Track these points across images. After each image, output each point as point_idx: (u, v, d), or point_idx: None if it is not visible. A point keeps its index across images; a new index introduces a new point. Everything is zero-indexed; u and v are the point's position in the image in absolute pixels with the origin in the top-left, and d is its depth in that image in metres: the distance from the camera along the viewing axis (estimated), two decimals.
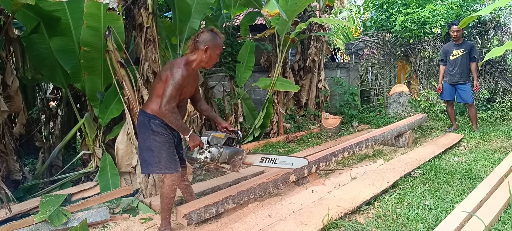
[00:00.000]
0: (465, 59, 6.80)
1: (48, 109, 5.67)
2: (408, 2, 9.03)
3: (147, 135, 3.19)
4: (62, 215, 3.46)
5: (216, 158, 3.34)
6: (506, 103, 8.17)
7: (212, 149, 3.33)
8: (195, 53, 3.20)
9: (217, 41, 3.22)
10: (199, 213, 3.24)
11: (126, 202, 4.05)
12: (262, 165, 3.92)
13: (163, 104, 2.99)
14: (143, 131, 3.23)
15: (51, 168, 5.09)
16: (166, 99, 2.98)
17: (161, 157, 3.17)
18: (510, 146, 5.72)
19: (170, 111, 3.00)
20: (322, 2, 8.66)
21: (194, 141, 3.22)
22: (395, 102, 8.73)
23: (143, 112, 3.27)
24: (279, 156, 4.07)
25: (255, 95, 9.62)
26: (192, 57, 3.21)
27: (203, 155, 3.31)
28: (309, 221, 3.19)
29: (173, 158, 3.23)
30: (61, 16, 4.38)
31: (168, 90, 3.00)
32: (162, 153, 3.17)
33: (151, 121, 3.18)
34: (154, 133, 3.17)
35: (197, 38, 3.18)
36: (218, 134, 3.42)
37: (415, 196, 3.75)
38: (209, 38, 3.17)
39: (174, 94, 3.02)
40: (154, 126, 3.17)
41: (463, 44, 6.85)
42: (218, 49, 3.25)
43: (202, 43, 3.15)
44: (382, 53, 9.62)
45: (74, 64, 4.56)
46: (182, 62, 3.15)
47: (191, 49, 3.21)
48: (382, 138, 5.72)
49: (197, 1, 5.51)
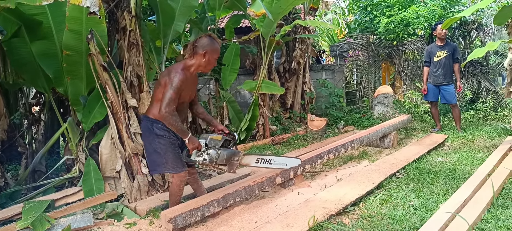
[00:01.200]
0: (449, 61, 6.89)
1: (30, 114, 5.58)
2: (392, 4, 9.13)
3: (151, 138, 3.36)
4: (45, 221, 3.41)
5: (214, 159, 3.44)
6: (489, 104, 8.30)
7: (210, 151, 3.43)
8: (194, 58, 3.33)
9: (215, 46, 3.34)
10: (185, 217, 3.22)
11: (111, 207, 4.01)
12: (258, 165, 4.01)
13: (162, 108, 3.11)
14: (147, 135, 3.41)
15: (34, 173, 5.01)
16: (165, 103, 3.11)
17: (167, 158, 3.35)
18: (493, 145, 5.80)
19: (170, 114, 3.12)
20: (307, 5, 8.69)
21: (193, 143, 3.32)
22: (380, 103, 8.80)
23: (146, 117, 3.42)
24: (273, 156, 4.16)
25: (241, 98, 9.61)
26: (190, 61, 3.35)
27: (202, 157, 3.42)
28: (295, 223, 3.19)
29: (179, 158, 3.41)
30: (43, 19, 4.32)
31: (167, 94, 3.12)
32: (168, 154, 3.35)
33: (154, 125, 3.33)
34: (158, 137, 3.33)
35: (196, 43, 3.31)
36: (215, 136, 3.54)
37: (400, 197, 3.78)
38: (208, 43, 3.30)
39: (173, 98, 3.14)
40: (157, 129, 3.32)
41: (447, 46, 6.94)
42: (216, 53, 3.37)
43: (200, 48, 3.29)
44: (367, 55, 9.69)
45: (56, 68, 4.50)
46: (180, 66, 3.28)
47: (189, 54, 3.34)
48: (367, 139, 5.75)
49: (181, 4, 5.49)
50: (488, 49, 5.17)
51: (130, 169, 4.41)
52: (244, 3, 7.32)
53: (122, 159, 4.34)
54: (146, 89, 4.61)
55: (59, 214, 3.68)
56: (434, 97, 7.15)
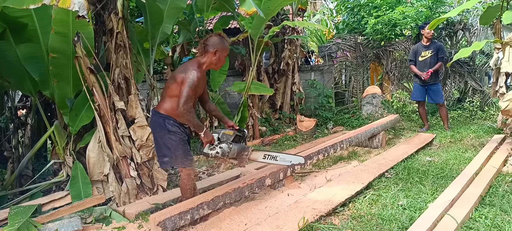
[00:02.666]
0: (434, 60, 6.95)
1: (16, 118, 5.51)
2: (379, 5, 9.19)
3: (162, 133, 3.47)
4: (32, 226, 3.36)
5: (226, 153, 3.61)
6: (476, 103, 8.39)
7: (222, 145, 3.60)
8: (205, 56, 3.48)
9: (225, 45, 3.52)
10: (174, 220, 3.19)
11: (99, 211, 3.96)
12: (265, 161, 4.13)
13: (180, 105, 3.25)
14: (158, 130, 3.50)
15: (21, 178, 4.94)
16: (183, 100, 3.24)
17: (177, 154, 3.47)
18: (480, 144, 5.86)
19: (187, 111, 3.27)
20: (295, 6, 8.71)
21: (208, 137, 3.52)
22: (368, 104, 8.85)
23: (157, 113, 3.51)
24: (279, 153, 4.26)
25: (230, 99, 9.59)
26: (202, 59, 3.50)
27: (215, 150, 3.58)
28: (285, 224, 3.18)
29: (188, 154, 3.55)
30: (28, 22, 4.26)
31: (185, 91, 3.26)
32: (178, 150, 3.47)
33: (166, 121, 3.45)
34: (170, 133, 3.45)
35: (207, 42, 3.46)
36: (227, 131, 3.71)
37: (389, 196, 3.80)
38: (218, 41, 3.47)
39: (190, 95, 3.29)
40: (170, 125, 3.45)
41: (432, 45, 7.00)
42: (226, 52, 3.54)
43: (211, 46, 3.44)
44: (355, 55, 9.74)
45: (43, 71, 4.44)
46: (195, 64, 3.44)
47: (201, 52, 3.50)
48: (356, 140, 5.78)
49: (169, 6, 5.46)
50: (474, 49, 5.23)
51: (118, 172, 4.37)
52: (233, 4, 7.30)
53: (110, 162, 4.30)
54: (134, 92, 4.57)
55: (46, 219, 3.63)
56: (421, 97, 7.20)
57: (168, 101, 3.45)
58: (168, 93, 3.47)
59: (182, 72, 3.37)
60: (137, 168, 4.44)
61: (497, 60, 5.40)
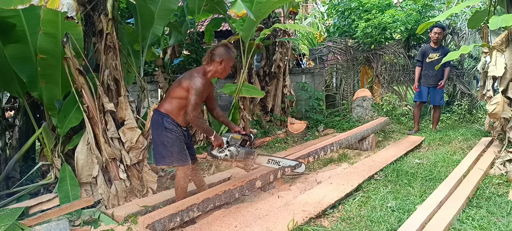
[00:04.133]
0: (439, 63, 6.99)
1: (4, 119, 5.43)
2: (369, 8, 9.24)
3: (160, 131, 3.59)
4: (19, 229, 3.34)
5: (235, 156, 3.79)
6: (464, 106, 8.48)
7: (231, 148, 3.78)
8: (211, 65, 3.65)
9: (230, 55, 3.70)
10: (163, 222, 3.17)
11: (87, 213, 3.93)
12: (268, 166, 4.34)
13: (190, 112, 3.44)
14: (156, 128, 3.62)
15: (8, 180, 4.88)
16: (192, 107, 3.43)
17: (173, 151, 3.57)
18: (468, 147, 5.92)
19: (197, 117, 3.47)
20: (286, 9, 8.73)
21: (218, 140, 3.70)
22: (358, 106, 8.89)
23: (157, 111, 3.66)
24: (282, 159, 4.48)
25: (221, 102, 9.58)
26: (208, 68, 3.67)
27: (223, 153, 3.77)
28: (275, 226, 3.18)
29: (184, 152, 3.65)
30: (16, 22, 4.22)
31: (192, 99, 3.43)
32: (174, 147, 3.58)
33: (163, 119, 3.57)
34: (167, 130, 3.56)
35: (214, 51, 3.63)
36: (235, 135, 3.88)
37: (378, 198, 3.82)
38: (224, 52, 3.65)
39: (198, 102, 3.48)
40: (167, 123, 3.56)
41: (440, 49, 7.10)
42: (231, 61, 3.72)
43: (218, 56, 3.62)
44: (346, 58, 9.78)
45: (31, 72, 4.40)
46: (201, 71, 3.60)
47: (207, 61, 3.66)
48: (347, 142, 5.80)
49: (160, 7, 5.44)
50: (461, 52, 5.28)
51: (107, 174, 4.34)
52: (224, 6, 7.30)
53: (99, 164, 4.26)
54: (124, 93, 4.54)
55: (33, 222, 3.59)
56: (425, 98, 7.28)
57: (169, 101, 3.61)
58: (171, 94, 3.63)
59: (188, 78, 3.52)
60: (126, 170, 4.41)
61: (484, 64, 5.46)
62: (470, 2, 5.40)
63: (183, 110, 3.57)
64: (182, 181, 3.70)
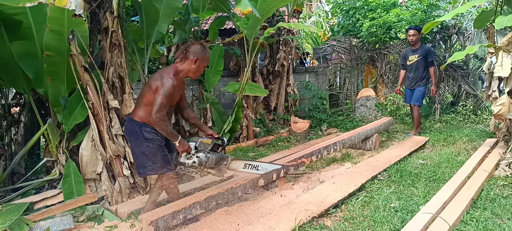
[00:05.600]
0: (420, 64, 7.01)
1: (9, 115, 5.47)
2: (374, 7, 9.22)
3: (139, 141, 3.37)
4: (23, 224, 3.37)
5: (204, 162, 3.52)
6: (469, 107, 8.45)
7: (199, 154, 3.51)
8: (184, 63, 3.41)
9: (205, 54, 3.46)
10: (166, 219, 3.19)
11: (91, 210, 3.96)
12: (245, 171, 4.04)
13: (154, 113, 3.17)
14: (135, 139, 3.40)
15: (13, 175, 4.92)
16: (156, 108, 3.16)
17: (156, 160, 3.39)
18: (473, 148, 5.90)
19: (161, 119, 3.19)
20: (291, 7, 8.73)
21: (183, 146, 3.44)
22: (362, 106, 8.88)
23: (132, 120, 3.40)
24: (260, 163, 4.22)
25: (224, 100, 9.59)
26: (181, 66, 3.42)
27: (191, 160, 3.49)
28: (277, 225, 3.19)
29: (167, 158, 3.46)
30: (23, 19, 4.25)
31: (159, 99, 3.18)
32: (157, 156, 3.39)
33: (142, 129, 3.35)
34: (147, 140, 3.35)
35: (188, 49, 3.40)
36: (205, 140, 3.61)
37: (381, 199, 3.82)
38: (199, 50, 3.41)
39: (164, 103, 3.20)
40: (146, 133, 3.35)
41: (419, 49, 7.06)
42: (206, 62, 3.49)
43: (192, 54, 3.38)
44: (350, 57, 9.76)
45: (37, 69, 4.43)
46: (171, 71, 3.34)
47: (181, 58, 3.42)
48: (350, 142, 5.80)
49: (165, 5, 5.45)
50: (467, 52, 5.26)
51: (111, 171, 4.36)
52: (228, 5, 7.30)
53: (103, 161, 4.29)
54: (128, 91, 4.56)
55: (38, 217, 3.62)
56: (409, 100, 7.27)
57: (143, 109, 3.36)
58: (143, 101, 3.37)
59: (158, 80, 3.28)
60: (130, 167, 4.44)
61: (490, 64, 5.44)
62: (476, 2, 5.37)
63: None
64: (169, 186, 3.57)
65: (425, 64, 6.98)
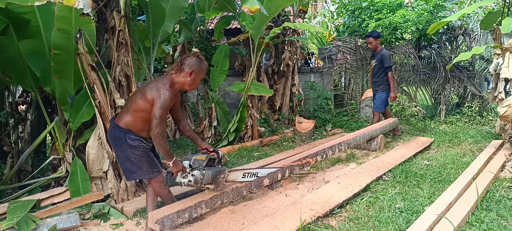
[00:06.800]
0: (377, 69, 7.07)
1: (17, 113, 5.52)
2: (380, 8, 9.20)
3: (124, 148, 3.26)
4: (30, 221, 3.38)
5: (200, 180, 3.45)
6: (474, 108, 8.42)
7: (194, 172, 3.44)
8: (180, 75, 3.29)
9: (201, 67, 3.36)
10: (172, 218, 3.21)
11: (97, 207, 3.98)
12: (245, 180, 3.97)
13: (154, 127, 3.08)
14: (119, 144, 3.29)
15: (20, 173, 4.96)
16: (156, 122, 3.07)
17: (142, 165, 3.31)
18: (478, 149, 5.89)
19: (161, 135, 3.11)
20: (296, 7, 8.74)
21: (177, 166, 3.35)
22: (367, 106, 8.87)
23: (117, 126, 3.28)
24: (260, 169, 4.15)
25: (229, 99, 9.61)
26: (176, 78, 3.30)
27: (187, 179, 3.43)
28: (282, 225, 3.20)
29: (153, 162, 3.38)
30: (31, 18, 4.27)
31: (157, 113, 3.07)
32: (142, 162, 3.30)
33: (126, 136, 3.23)
34: (131, 147, 3.24)
35: (184, 61, 3.29)
36: (199, 157, 3.54)
37: (386, 199, 3.82)
38: (195, 63, 3.30)
39: (163, 116, 3.11)
40: (130, 140, 3.23)
41: (377, 54, 7.11)
42: (202, 74, 3.39)
43: (187, 66, 3.27)
44: (355, 58, 9.75)
45: (44, 67, 4.45)
46: (167, 83, 3.21)
47: (176, 70, 3.30)
48: (355, 142, 5.80)
49: (171, 5, 5.48)
50: (473, 53, 5.26)
51: (117, 169, 4.38)
52: (234, 4, 7.32)
53: (109, 159, 4.31)
54: (134, 89, 4.59)
55: (45, 214, 3.65)
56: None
57: (131, 115, 3.25)
58: (133, 107, 3.25)
59: (153, 90, 3.15)
60: None
61: (496, 65, 5.42)
62: (483, 2, 5.37)
63: (147, 124, 3.19)
64: (160, 190, 3.47)
65: (382, 69, 6.99)
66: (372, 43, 7.06)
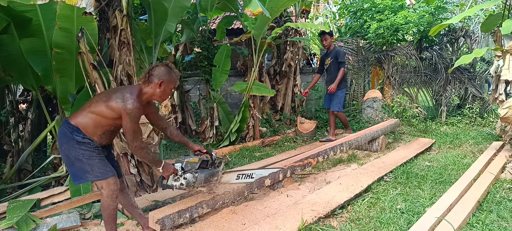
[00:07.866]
0: (333, 67, 7.09)
1: (17, 112, 5.52)
2: (382, 9, 9.20)
3: (71, 145, 2.94)
4: (30, 221, 3.37)
5: (192, 183, 3.37)
6: (475, 109, 8.41)
7: (187, 175, 3.35)
8: (148, 86, 3.05)
9: (171, 77, 3.11)
10: (173, 218, 3.21)
11: (98, 207, 3.97)
12: (239, 182, 3.92)
13: (130, 142, 2.94)
14: (65, 142, 2.96)
15: (20, 172, 4.95)
16: (131, 137, 2.92)
17: (93, 164, 2.97)
18: (479, 150, 5.88)
19: (140, 147, 2.99)
20: (298, 8, 8.74)
21: (168, 170, 3.25)
22: (369, 107, 8.86)
23: (67, 123, 3.01)
24: (255, 170, 4.11)
25: (231, 99, 9.61)
26: (145, 88, 3.06)
27: (179, 182, 3.34)
28: (284, 225, 3.20)
29: (105, 163, 3.05)
30: (32, 17, 4.28)
31: (129, 127, 2.89)
32: (93, 160, 2.97)
33: (74, 133, 2.94)
34: (79, 143, 2.94)
35: (152, 72, 3.05)
36: (192, 159, 3.43)
37: (387, 200, 3.82)
38: (165, 73, 3.06)
39: (136, 129, 2.94)
40: (78, 137, 2.94)
41: (332, 52, 7.15)
42: (172, 84, 3.14)
43: (156, 77, 3.03)
44: (357, 59, 9.75)
45: (45, 66, 4.46)
46: (135, 92, 2.98)
47: (143, 80, 3.05)
48: (356, 143, 5.79)
49: (173, 4, 5.47)
50: (474, 56, 5.26)
51: None
52: (236, 4, 7.33)
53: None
54: None
55: (45, 214, 3.63)
56: (328, 105, 7.33)
57: (86, 115, 2.98)
58: (91, 107, 2.99)
59: (119, 99, 2.90)
60: (137, 165, 4.46)
61: (497, 67, 5.42)
62: (484, 5, 5.37)
63: (100, 129, 2.98)
64: (109, 199, 3.03)
65: (337, 66, 7.01)
66: (327, 40, 7.12)
